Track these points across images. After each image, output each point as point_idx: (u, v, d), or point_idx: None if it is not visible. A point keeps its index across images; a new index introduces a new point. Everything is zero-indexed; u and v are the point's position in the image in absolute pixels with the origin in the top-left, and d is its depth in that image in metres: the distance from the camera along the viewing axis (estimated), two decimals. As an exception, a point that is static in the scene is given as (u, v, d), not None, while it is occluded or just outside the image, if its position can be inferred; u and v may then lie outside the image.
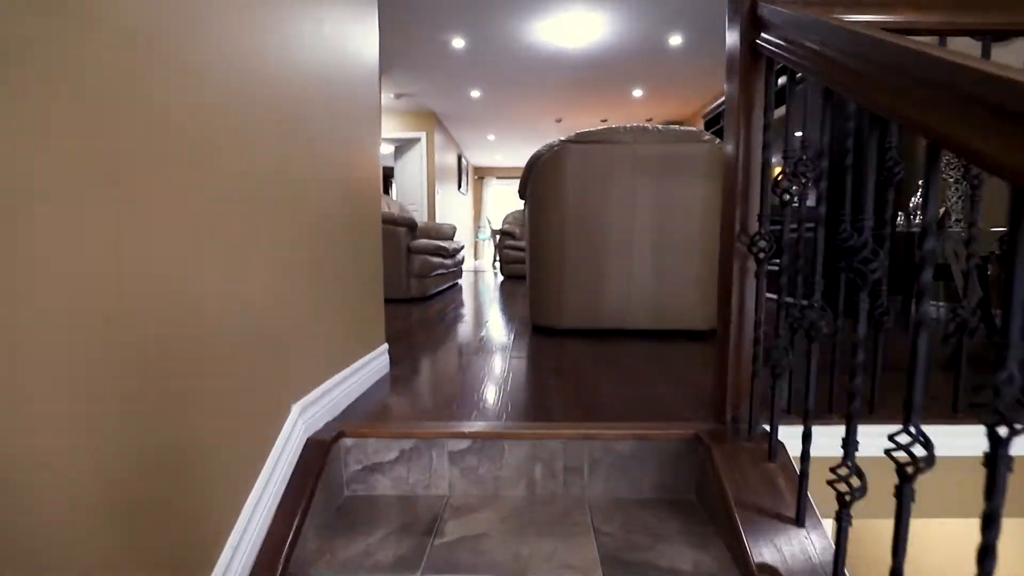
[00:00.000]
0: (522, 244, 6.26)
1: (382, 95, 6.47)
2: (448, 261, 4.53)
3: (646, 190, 2.32)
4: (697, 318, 2.39)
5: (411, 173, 7.55)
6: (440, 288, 4.41)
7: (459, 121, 7.86)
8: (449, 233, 5.59)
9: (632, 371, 1.76)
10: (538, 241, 2.46)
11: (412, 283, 3.80)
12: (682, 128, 2.34)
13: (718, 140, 2.34)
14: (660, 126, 2.35)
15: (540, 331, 2.54)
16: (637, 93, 6.36)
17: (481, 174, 12.13)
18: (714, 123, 5.49)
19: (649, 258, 2.35)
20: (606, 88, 6.16)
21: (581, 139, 2.33)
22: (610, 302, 2.39)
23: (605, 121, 7.72)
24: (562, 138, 2.38)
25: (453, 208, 9.08)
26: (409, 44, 4.82)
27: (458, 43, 4.80)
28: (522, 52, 5.01)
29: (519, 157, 10.87)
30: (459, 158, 9.49)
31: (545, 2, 3.99)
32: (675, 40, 4.68)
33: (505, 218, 6.85)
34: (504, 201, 12.35)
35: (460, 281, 5.74)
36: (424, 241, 3.86)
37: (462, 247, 5.39)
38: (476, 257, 12.21)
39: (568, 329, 2.45)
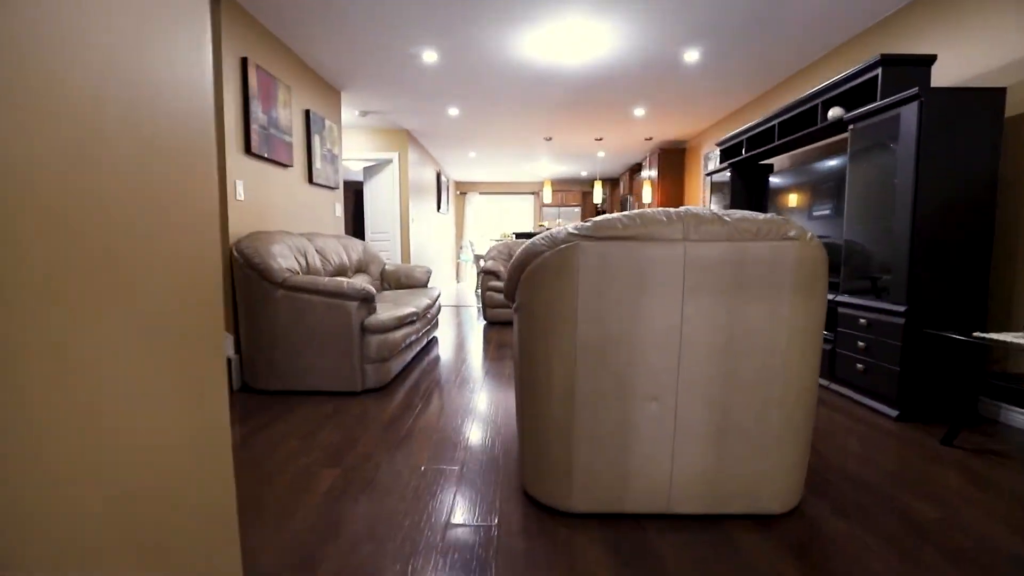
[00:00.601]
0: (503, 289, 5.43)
1: (345, 112, 5.59)
2: (418, 324, 3.69)
3: (702, 309, 1.50)
4: (773, 496, 1.58)
5: (382, 197, 6.67)
6: (407, 361, 3.55)
7: (436, 139, 7.01)
8: (422, 279, 4.73)
9: None
10: (534, 376, 1.63)
11: (367, 371, 2.95)
12: (759, 217, 1.52)
13: (811, 234, 1.53)
14: (725, 213, 1.53)
15: (536, 507, 1.71)
16: (638, 112, 5.57)
17: (463, 189, 11.28)
18: (733, 153, 4.72)
19: (703, 408, 1.54)
20: (603, 107, 5.36)
21: (602, 232, 1.50)
22: (642, 472, 1.57)
23: (600, 140, 6.93)
24: (572, 228, 1.55)
25: (432, 230, 8.21)
26: (371, 57, 3.96)
27: (429, 57, 3.96)
28: (506, 67, 4.18)
29: (504, 173, 10.05)
30: (438, 175, 8.63)
31: (533, 12, 3.18)
32: (691, 56, 3.90)
33: (488, 252, 6.01)
34: (488, 218, 11.51)
35: (437, 333, 4.89)
36: (385, 317, 3.01)
37: (438, 296, 4.54)
38: (458, 279, 11.35)
39: (581, 514, 1.62)
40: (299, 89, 3.92)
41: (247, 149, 3.15)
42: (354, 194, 10.61)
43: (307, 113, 4.04)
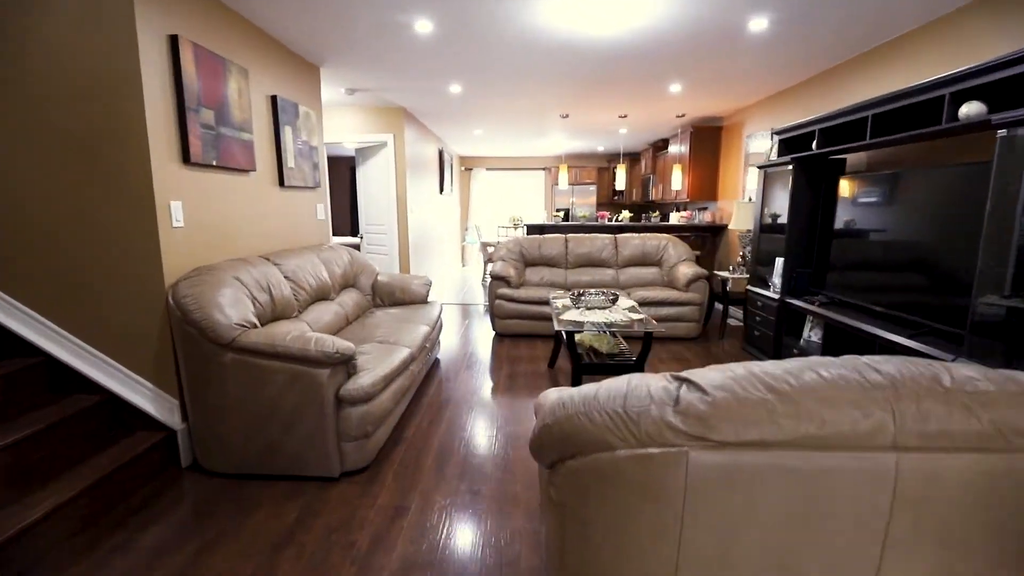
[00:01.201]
0: (520, 295, 4.73)
1: (327, 89, 4.77)
2: (415, 366, 3.02)
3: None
4: None
5: (377, 185, 5.91)
6: (399, 415, 2.90)
7: (437, 117, 6.17)
8: (421, 293, 4.03)
9: None
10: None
11: (346, 451, 2.30)
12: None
13: None
14: (965, 377, 0.81)
15: None
16: (674, 89, 4.72)
17: (468, 165, 10.42)
18: (798, 145, 3.90)
19: None
20: (633, 82, 4.51)
21: (730, 430, 0.79)
22: None
23: (624, 117, 6.05)
24: (671, 416, 0.83)
25: (434, 214, 7.45)
26: (354, 27, 3.15)
27: (423, 27, 3.14)
28: (518, 39, 3.36)
29: (513, 148, 9.17)
30: (440, 152, 7.80)
31: (564, -35, 2.36)
32: (758, 24, 3.06)
33: (496, 251, 5.28)
34: (495, 196, 10.68)
35: (438, 354, 4.22)
36: (369, 381, 2.32)
37: (439, 316, 3.85)
38: (463, 263, 10.63)
39: None
40: (260, 70, 3.14)
41: (186, 159, 2.42)
42: (350, 171, 9.79)
43: (273, 100, 3.26)
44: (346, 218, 9.75)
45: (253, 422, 2.23)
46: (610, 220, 6.73)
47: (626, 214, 6.45)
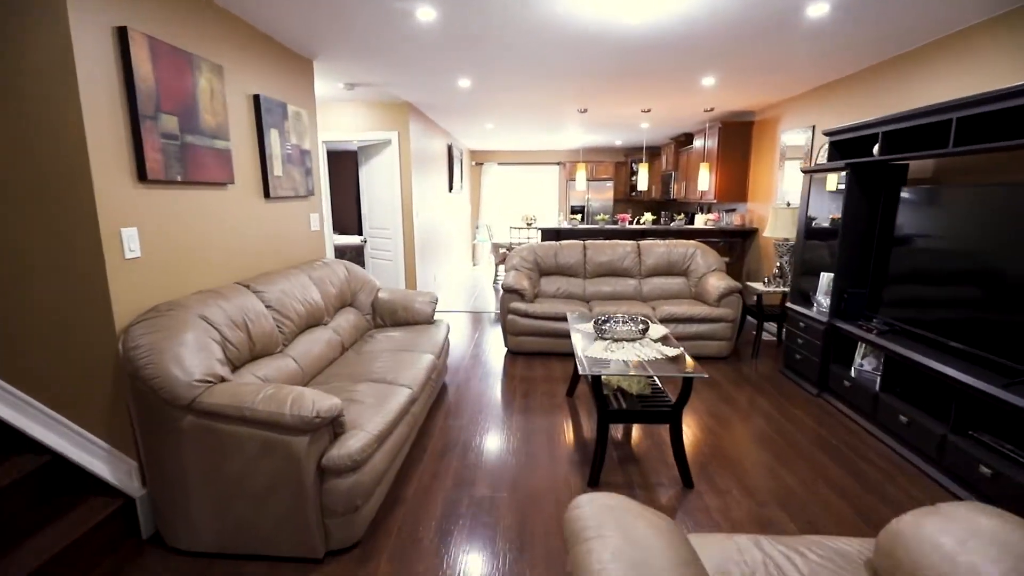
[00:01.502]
0: (535, 310, 4.32)
1: (323, 84, 4.36)
2: (417, 406, 2.64)
3: None
4: None
5: (380, 184, 5.51)
6: (396, 470, 2.53)
7: (445, 112, 5.73)
8: (426, 312, 3.65)
9: None
10: None
11: (330, 527, 1.92)
12: None
13: None
14: None
15: None
16: (707, 82, 4.24)
17: (479, 159, 9.98)
18: (855, 148, 3.43)
19: None
20: (662, 74, 4.05)
21: None
22: None
23: (648, 111, 5.58)
24: None
25: (443, 213, 7.04)
26: (349, 15, 2.74)
27: (425, 15, 2.72)
28: (534, 29, 2.92)
29: (526, 142, 8.71)
30: (449, 147, 7.38)
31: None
32: (818, 9, 2.59)
33: (509, 260, 4.87)
34: (506, 191, 10.23)
35: (446, 379, 3.84)
36: (357, 447, 1.93)
37: (445, 340, 3.48)
38: (474, 262, 10.23)
39: None
40: (239, 66, 2.74)
41: (142, 176, 2.03)
42: (355, 166, 9.39)
43: (255, 101, 2.86)
44: (353, 216, 9.38)
45: (220, 497, 1.86)
46: (631, 223, 6.27)
47: (648, 216, 5.99)
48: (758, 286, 4.53)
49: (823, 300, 3.61)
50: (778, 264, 4.48)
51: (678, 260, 4.83)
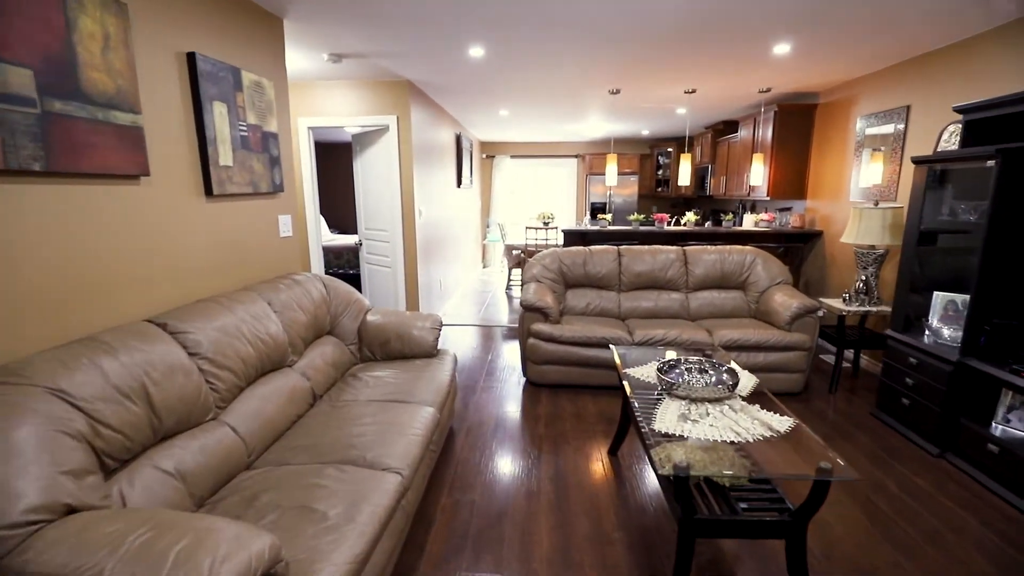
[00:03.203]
0: (563, 335, 3.51)
1: (302, 55, 3.56)
2: (411, 496, 1.84)
3: None
4: None
5: (377, 178, 4.71)
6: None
7: (453, 94, 4.91)
8: (427, 342, 2.87)
9: None
10: None
11: None
12: None
13: None
14: None
15: None
16: (780, 50, 3.39)
17: (490, 152, 9.15)
18: (1003, 130, 2.57)
19: None
20: (724, 42, 3.20)
21: None
22: None
23: (693, 92, 4.72)
24: None
25: (450, 212, 6.23)
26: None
27: (425, -66, 1.90)
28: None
29: (543, 132, 7.86)
30: (458, 138, 6.56)
31: None
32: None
33: (527, 266, 4.05)
34: (520, 186, 9.40)
35: (453, 423, 3.04)
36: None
37: (451, 379, 2.68)
38: (484, 263, 9.42)
39: None
40: (160, 8, 1.94)
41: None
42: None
43: (190, 61, 2.07)
44: (353, 213, 8.60)
45: None
46: (670, 223, 5.42)
47: (691, 216, 5.14)
48: (834, 303, 3.68)
49: (944, 329, 2.76)
50: (863, 277, 3.62)
51: (734, 270, 3.98)
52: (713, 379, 2.08)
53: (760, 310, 3.79)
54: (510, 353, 4.41)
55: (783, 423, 1.80)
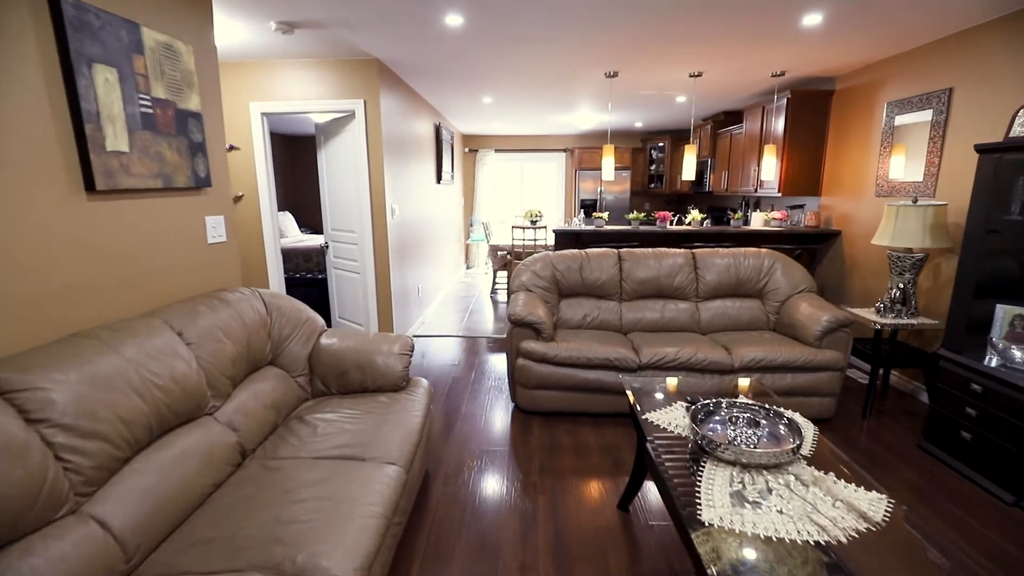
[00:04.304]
0: (558, 355, 2.99)
1: (244, 23, 2.99)
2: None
3: None
4: None
5: (343, 172, 4.14)
6: None
7: (430, 76, 4.35)
8: (395, 372, 2.33)
9: None
10: None
11: None
12: None
13: None
14: None
15: None
16: (811, 20, 2.91)
17: (473, 146, 8.60)
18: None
19: None
20: (747, 9, 2.71)
21: None
22: None
23: (699, 76, 4.23)
24: None
25: (429, 210, 5.68)
26: None
27: None
28: None
29: (529, 125, 7.33)
30: (437, 129, 6.00)
31: None
32: None
33: (515, 272, 3.53)
34: (505, 182, 8.86)
35: (428, 467, 2.51)
36: None
37: (425, 410, 2.15)
38: (467, 263, 8.88)
39: None
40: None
41: None
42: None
43: (53, 7, 1.49)
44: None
45: None
46: (673, 223, 4.93)
47: (696, 215, 4.65)
48: (864, 313, 3.23)
49: (1015, 351, 2.31)
50: (900, 285, 3.17)
51: (749, 276, 3.51)
52: (766, 432, 1.59)
53: (782, 322, 3.32)
54: (496, 369, 3.89)
55: (875, 506, 1.30)
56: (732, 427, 1.62)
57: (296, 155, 7.94)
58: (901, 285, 3.17)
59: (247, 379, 2.04)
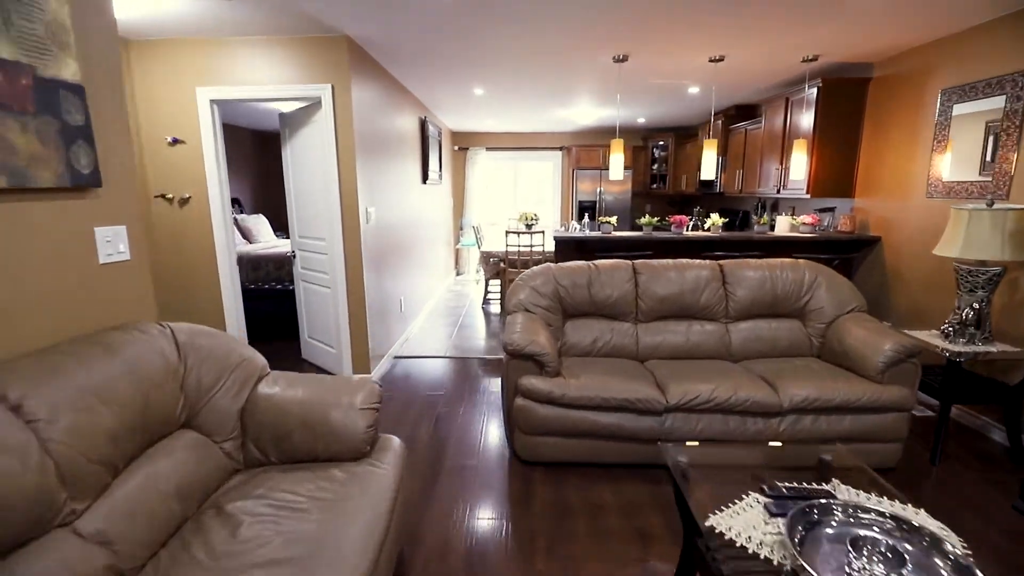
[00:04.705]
0: (566, 395, 2.43)
1: (175, -17, 2.39)
2: None
3: None
4: None
5: (310, 169, 3.56)
6: None
7: (412, 61, 3.78)
8: (352, 434, 1.68)
9: None
10: None
11: None
12: None
13: None
14: None
15: None
16: (874, -18, 2.38)
17: (463, 144, 8.03)
18: None
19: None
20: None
21: None
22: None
23: (719, 60, 3.69)
24: None
25: (414, 213, 5.10)
26: None
27: None
28: None
29: (523, 121, 6.77)
30: (423, 124, 5.43)
31: None
32: None
33: (512, 289, 2.97)
34: (498, 184, 8.30)
35: (403, 547, 1.95)
36: None
37: (395, 496, 1.58)
38: (458, 270, 8.30)
39: None
40: None
41: None
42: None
43: None
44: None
45: None
46: (690, 228, 4.39)
47: (716, 219, 4.10)
48: (928, 338, 2.71)
49: None
50: (973, 305, 2.65)
51: (788, 293, 2.98)
52: (909, 569, 1.03)
53: (829, 348, 2.79)
54: (489, 399, 3.32)
55: None
56: (856, 556, 1.06)
57: (270, 152, 7.33)
58: (976, 305, 2.64)
59: (144, 456, 1.46)
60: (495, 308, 5.96)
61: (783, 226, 4.17)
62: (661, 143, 7.51)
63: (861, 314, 2.85)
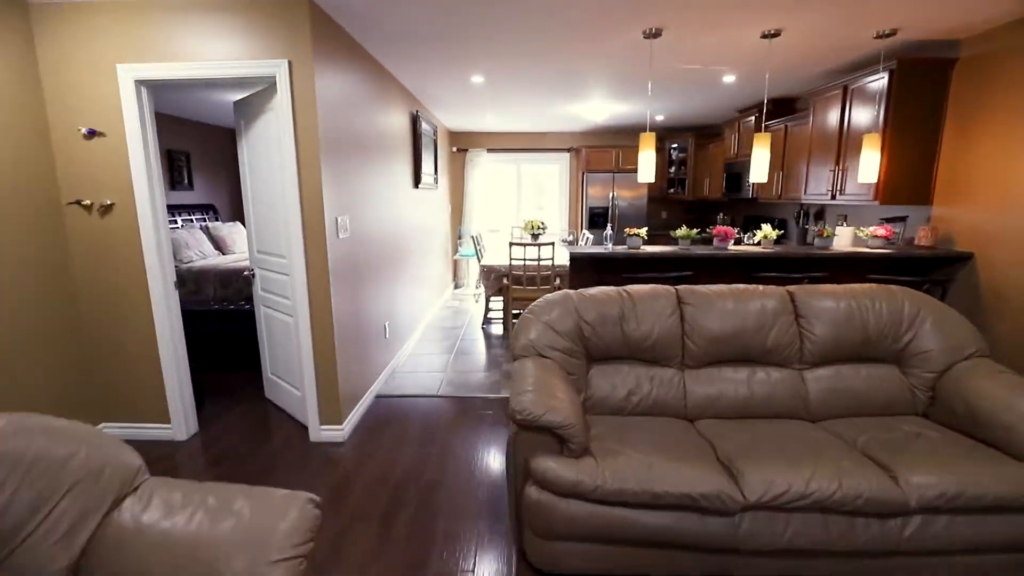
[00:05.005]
0: (597, 488, 1.70)
1: None
2: None
3: None
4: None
5: (267, 169, 2.86)
6: None
7: (396, 38, 3.08)
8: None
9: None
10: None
11: None
12: None
13: None
14: None
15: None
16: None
17: (461, 144, 7.34)
18: None
19: None
20: None
21: None
22: None
23: (775, 35, 2.99)
24: None
25: (402, 220, 4.40)
26: None
27: None
28: None
29: (529, 119, 6.07)
30: (414, 119, 4.74)
31: None
32: None
33: (522, 323, 2.26)
34: (501, 189, 7.61)
35: None
36: None
37: None
38: (456, 283, 7.59)
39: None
40: None
41: None
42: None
43: None
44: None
45: None
46: (737, 242, 3.68)
47: (768, 231, 3.37)
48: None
49: None
50: None
51: (883, 330, 2.26)
52: None
53: (947, 409, 2.07)
54: (493, 469, 2.60)
55: None
56: None
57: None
58: None
59: None
60: (496, 329, 5.25)
61: (846, 239, 3.46)
62: (678, 144, 6.83)
63: (985, 360, 2.13)
